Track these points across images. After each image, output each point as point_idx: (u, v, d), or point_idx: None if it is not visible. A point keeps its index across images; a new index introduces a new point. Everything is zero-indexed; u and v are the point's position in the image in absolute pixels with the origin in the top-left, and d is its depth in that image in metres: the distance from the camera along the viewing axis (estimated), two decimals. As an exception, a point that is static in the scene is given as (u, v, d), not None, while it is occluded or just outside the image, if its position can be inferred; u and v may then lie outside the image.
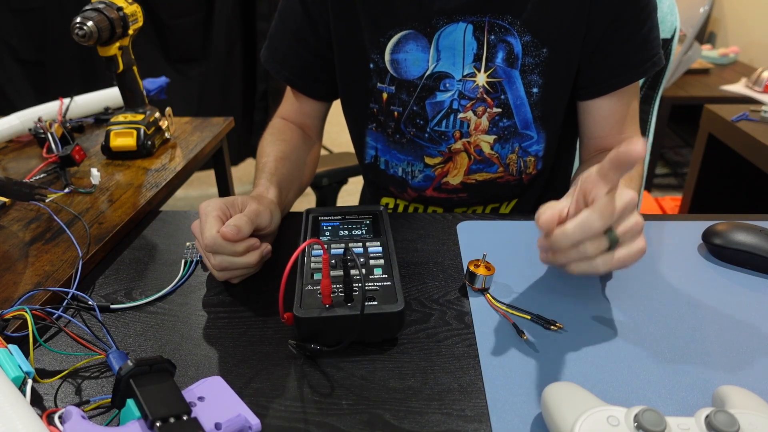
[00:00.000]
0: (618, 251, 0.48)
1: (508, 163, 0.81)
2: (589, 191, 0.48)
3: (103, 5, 0.86)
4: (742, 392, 0.40)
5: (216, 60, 2.15)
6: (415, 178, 0.84)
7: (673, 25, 0.92)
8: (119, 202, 0.77)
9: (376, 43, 0.76)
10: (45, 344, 0.51)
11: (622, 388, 0.46)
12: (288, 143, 0.79)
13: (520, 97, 0.75)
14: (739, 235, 0.62)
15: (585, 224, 0.47)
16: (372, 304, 0.49)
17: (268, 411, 0.44)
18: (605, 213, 0.46)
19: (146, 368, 0.41)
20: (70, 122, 1.03)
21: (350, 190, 1.55)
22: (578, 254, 0.49)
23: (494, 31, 0.72)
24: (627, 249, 0.49)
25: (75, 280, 0.59)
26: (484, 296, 0.57)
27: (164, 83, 1.17)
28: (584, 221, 0.47)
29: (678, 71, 2.21)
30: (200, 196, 2.52)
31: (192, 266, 0.63)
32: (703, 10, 2.08)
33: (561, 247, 0.50)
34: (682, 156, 2.77)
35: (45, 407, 0.45)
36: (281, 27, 0.82)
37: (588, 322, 0.54)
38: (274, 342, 0.52)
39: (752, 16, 2.67)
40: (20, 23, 1.98)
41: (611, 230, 0.48)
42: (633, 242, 0.49)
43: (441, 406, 0.44)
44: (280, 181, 0.71)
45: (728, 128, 1.43)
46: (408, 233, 0.70)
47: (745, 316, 0.55)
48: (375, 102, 0.80)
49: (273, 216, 0.62)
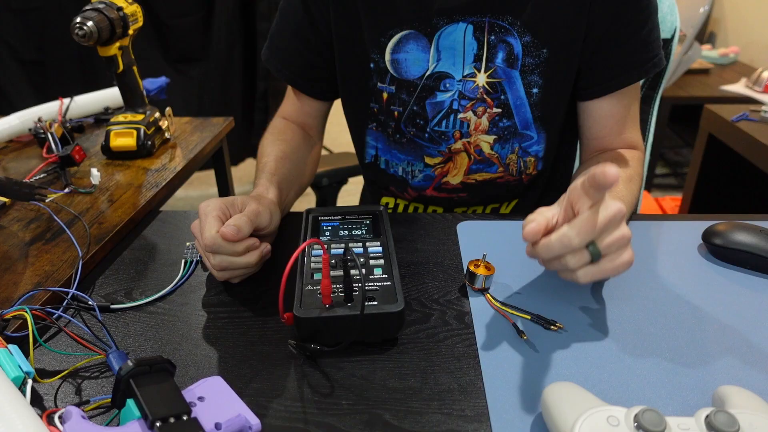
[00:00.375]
0: (601, 263, 0.49)
1: (508, 164, 0.81)
2: (575, 202, 0.49)
3: (103, 5, 0.86)
4: (742, 392, 0.40)
5: (216, 60, 2.15)
6: (415, 177, 0.84)
7: (673, 25, 0.92)
8: (119, 202, 0.77)
9: (377, 43, 0.76)
10: (45, 344, 0.51)
11: (622, 388, 0.46)
12: (289, 143, 0.79)
13: (520, 97, 0.75)
14: (739, 235, 0.62)
15: (563, 239, 0.47)
16: (372, 304, 0.49)
17: (268, 411, 0.44)
18: (584, 229, 0.47)
19: (146, 368, 0.41)
20: (70, 122, 1.03)
21: (350, 190, 1.55)
22: (560, 265, 0.50)
23: (494, 32, 0.72)
24: (610, 262, 0.49)
25: (75, 280, 0.59)
26: (484, 296, 0.57)
27: (164, 83, 1.17)
28: (562, 236, 0.47)
29: (678, 71, 2.21)
30: (200, 196, 2.52)
31: (192, 266, 0.63)
32: (703, 10, 2.08)
33: (544, 258, 0.51)
34: (682, 156, 2.77)
35: (45, 407, 0.45)
36: (282, 26, 0.82)
37: (588, 322, 0.54)
38: (274, 342, 0.52)
39: (752, 16, 2.67)
40: (20, 23, 1.98)
41: (593, 244, 0.48)
42: (618, 254, 0.49)
43: (441, 406, 0.44)
44: (281, 181, 0.71)
45: (728, 128, 1.43)
46: (408, 233, 0.70)
47: (745, 316, 0.55)
48: (375, 102, 0.80)
49: (273, 216, 0.62)
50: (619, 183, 0.64)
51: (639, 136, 0.79)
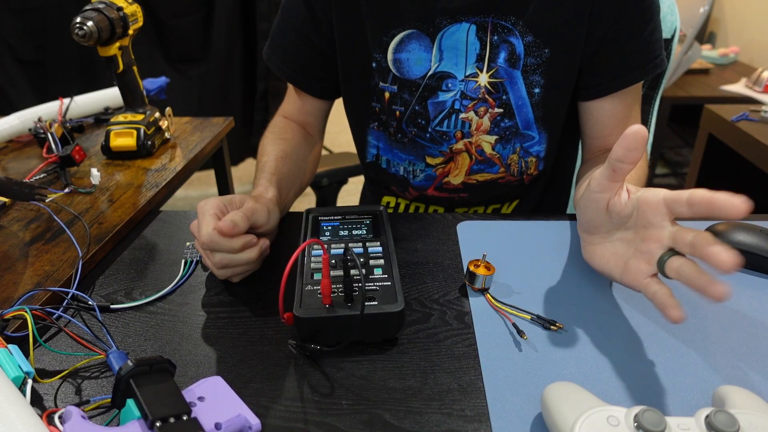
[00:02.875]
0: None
1: (509, 164, 0.81)
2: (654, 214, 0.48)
3: (103, 5, 0.86)
4: (742, 392, 0.40)
5: (216, 60, 2.15)
6: (416, 177, 0.84)
7: (673, 25, 0.92)
8: (119, 202, 0.77)
9: (379, 42, 0.76)
10: (45, 344, 0.51)
11: (622, 388, 0.46)
12: (289, 142, 0.79)
13: (522, 97, 0.75)
14: (739, 235, 0.62)
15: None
16: (372, 304, 0.49)
17: (268, 411, 0.44)
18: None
19: (146, 368, 0.41)
20: (70, 122, 1.03)
21: (350, 190, 1.55)
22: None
23: (497, 32, 0.72)
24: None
25: (75, 280, 0.59)
26: (484, 296, 0.57)
27: (164, 83, 1.17)
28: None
29: (678, 71, 2.21)
30: (200, 196, 2.52)
31: (192, 266, 0.63)
32: (703, 10, 2.08)
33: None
34: (682, 156, 2.77)
35: (45, 407, 0.45)
36: (284, 24, 0.82)
37: (588, 322, 0.54)
38: (274, 342, 0.52)
39: (752, 16, 2.67)
40: (20, 23, 1.98)
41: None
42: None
43: (441, 406, 0.44)
44: (280, 181, 0.70)
45: (728, 128, 1.43)
46: (408, 233, 0.70)
47: (745, 316, 0.55)
48: (377, 101, 0.80)
49: (270, 214, 0.62)
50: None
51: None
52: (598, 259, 0.55)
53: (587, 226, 0.55)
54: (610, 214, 0.52)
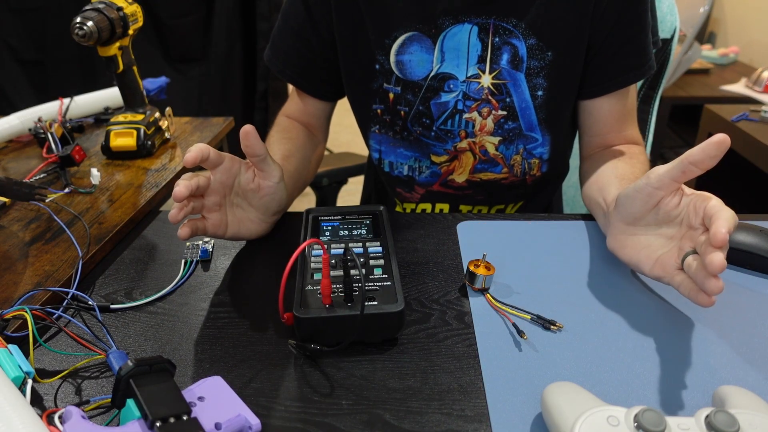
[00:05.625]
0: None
1: (512, 164, 0.81)
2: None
3: (103, 5, 0.86)
4: (742, 392, 0.40)
5: (216, 60, 2.16)
6: (422, 173, 0.85)
7: (673, 25, 0.92)
8: (119, 202, 0.77)
9: (381, 45, 0.76)
10: (45, 344, 0.51)
11: (622, 388, 0.46)
12: (293, 142, 0.79)
13: (525, 100, 0.75)
14: (739, 235, 0.62)
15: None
16: (372, 304, 0.49)
17: (268, 411, 0.44)
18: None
19: (146, 368, 0.41)
20: (70, 122, 1.03)
21: (350, 190, 1.55)
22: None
23: (499, 33, 0.72)
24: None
25: (75, 280, 0.59)
26: (484, 296, 0.57)
27: (164, 83, 1.17)
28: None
29: (678, 71, 2.21)
30: (200, 196, 2.52)
31: (192, 266, 0.63)
32: (703, 10, 2.08)
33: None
34: (682, 156, 2.76)
35: (45, 407, 0.45)
36: (283, 27, 0.82)
37: (588, 322, 0.54)
38: (274, 342, 0.52)
39: (752, 16, 2.67)
40: (20, 23, 1.98)
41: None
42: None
43: (441, 406, 0.44)
44: (285, 180, 0.71)
45: (728, 128, 1.43)
46: (408, 233, 0.70)
47: (745, 316, 0.55)
48: (381, 102, 0.81)
49: (280, 179, 0.63)
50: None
51: (638, 132, 0.80)
52: (629, 249, 0.55)
53: (629, 218, 0.55)
54: (658, 209, 0.52)
